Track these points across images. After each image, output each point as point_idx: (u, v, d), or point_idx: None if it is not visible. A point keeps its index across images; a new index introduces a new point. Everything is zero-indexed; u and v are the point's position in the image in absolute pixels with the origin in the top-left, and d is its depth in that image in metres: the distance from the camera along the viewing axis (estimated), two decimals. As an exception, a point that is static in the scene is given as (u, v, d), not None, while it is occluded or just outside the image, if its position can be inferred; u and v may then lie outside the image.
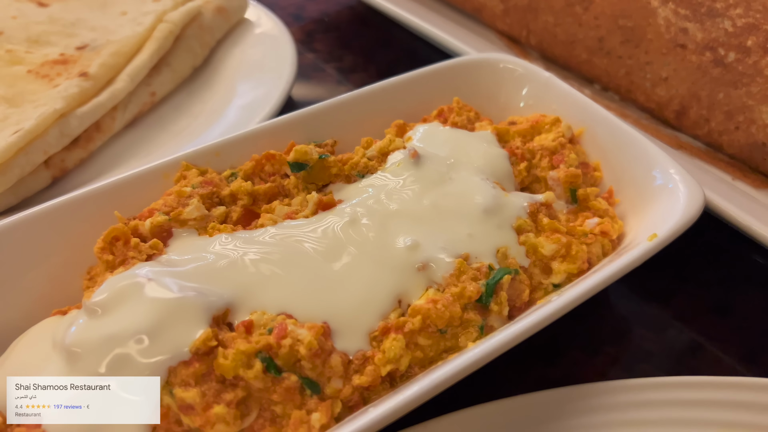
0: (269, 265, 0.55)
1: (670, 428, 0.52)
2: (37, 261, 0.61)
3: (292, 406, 0.49)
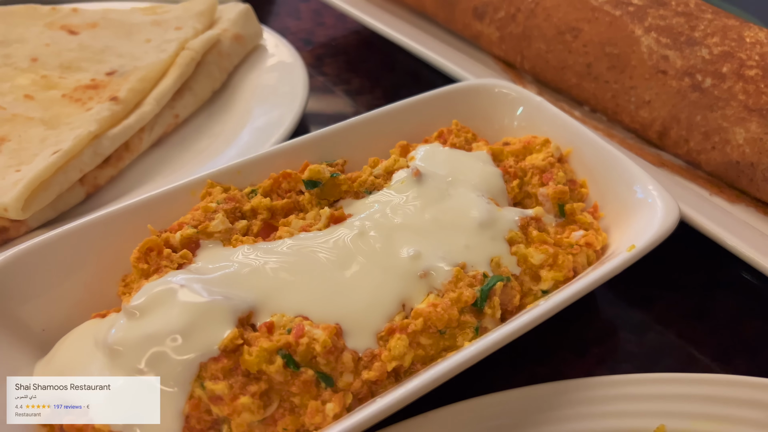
0: (287, 273, 0.59)
1: (648, 419, 0.55)
2: (76, 269, 0.65)
3: (308, 397, 0.53)
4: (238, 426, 0.51)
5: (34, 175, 0.70)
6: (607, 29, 0.88)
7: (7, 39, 0.96)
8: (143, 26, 0.99)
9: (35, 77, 0.89)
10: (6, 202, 0.68)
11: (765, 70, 0.78)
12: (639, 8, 0.88)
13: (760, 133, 0.75)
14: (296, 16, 1.26)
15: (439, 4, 1.05)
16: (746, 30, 0.83)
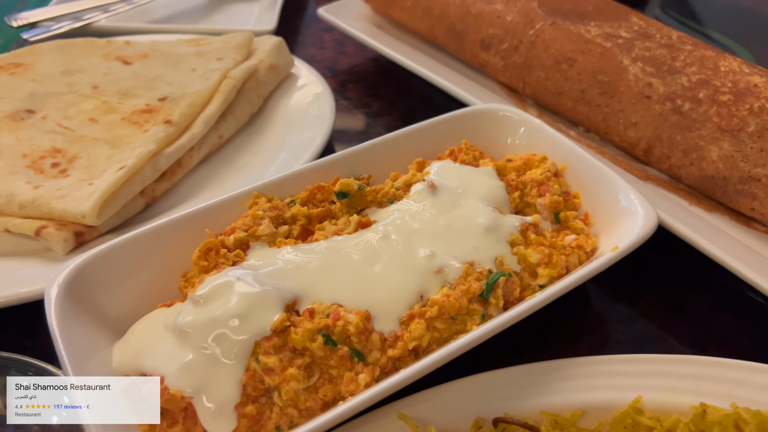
0: (324, 269, 0.66)
1: (627, 392, 0.61)
2: (144, 267, 0.71)
3: (344, 369, 0.60)
4: (286, 393, 0.58)
5: (106, 187, 0.77)
6: (599, 59, 0.94)
7: (71, 69, 1.03)
8: (188, 57, 1.06)
9: (97, 103, 0.96)
10: (84, 210, 0.75)
11: (736, 95, 0.83)
12: (627, 40, 0.94)
13: (732, 151, 0.81)
14: (321, 46, 1.33)
15: (450, 36, 1.11)
16: (721, 60, 0.89)
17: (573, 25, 0.98)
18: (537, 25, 1.01)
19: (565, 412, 0.60)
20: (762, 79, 0.85)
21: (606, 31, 0.96)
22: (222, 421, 0.57)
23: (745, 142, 0.80)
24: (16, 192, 0.78)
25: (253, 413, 0.58)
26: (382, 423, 0.58)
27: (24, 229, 0.76)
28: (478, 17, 1.07)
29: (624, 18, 1.00)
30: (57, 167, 0.84)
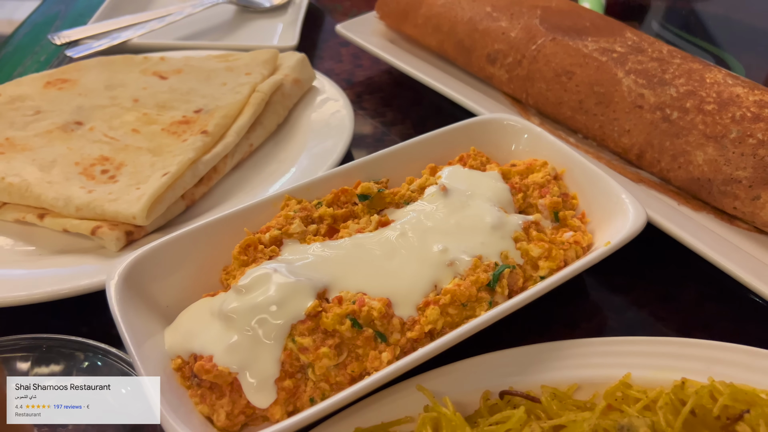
0: (349, 262, 0.72)
1: (619, 369, 0.66)
2: (188, 262, 0.76)
3: (369, 348, 0.66)
4: (319, 369, 0.64)
5: (153, 191, 0.84)
6: (595, 72, 1.00)
7: (112, 84, 1.10)
8: (219, 72, 1.12)
9: (138, 115, 1.02)
10: (134, 212, 0.82)
11: (720, 105, 0.89)
12: (621, 55, 1.00)
13: (716, 156, 0.87)
14: (338, 60, 1.38)
15: (459, 50, 1.17)
16: (707, 72, 0.95)
17: (572, 40, 1.05)
18: (539, 40, 1.07)
19: (562, 386, 0.66)
20: (744, 89, 0.91)
21: (602, 46, 1.03)
22: (264, 394, 0.64)
23: (728, 147, 0.86)
24: (72, 196, 0.86)
25: (290, 387, 0.64)
26: (403, 395, 0.64)
27: (81, 229, 0.83)
28: (484, 33, 1.13)
29: (619, 33, 1.06)
30: (106, 174, 0.91)
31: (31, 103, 1.04)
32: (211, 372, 0.64)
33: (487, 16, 1.14)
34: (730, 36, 1.44)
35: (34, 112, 1.03)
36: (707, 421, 0.59)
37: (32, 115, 1.02)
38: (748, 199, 0.85)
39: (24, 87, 1.08)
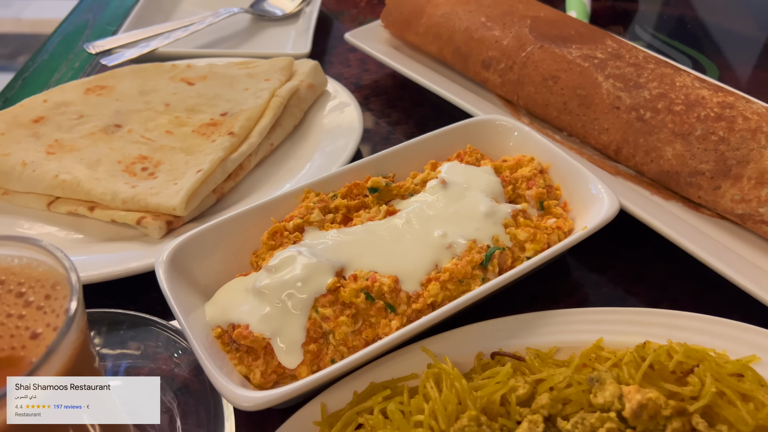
0: (362, 246, 0.80)
1: (593, 334, 0.74)
2: (223, 247, 0.84)
3: (380, 317, 0.74)
4: (338, 335, 0.72)
5: (189, 186, 0.93)
6: (578, 77, 1.07)
7: (145, 90, 1.17)
8: (241, 78, 1.20)
9: (170, 118, 1.10)
10: (174, 204, 0.91)
11: (687, 106, 0.97)
12: (601, 61, 1.07)
13: (683, 151, 0.95)
14: (346, 64, 1.44)
15: (456, 57, 1.24)
16: (677, 76, 1.03)
17: (558, 48, 1.13)
18: (528, 48, 1.15)
19: (544, 349, 0.74)
20: (709, 92, 1.00)
21: (584, 53, 1.11)
22: (292, 356, 0.73)
23: (693, 143, 0.94)
24: (118, 191, 0.95)
25: (314, 350, 0.73)
26: (409, 356, 0.73)
27: (127, 220, 0.92)
28: (479, 42, 1.20)
29: (600, 41, 1.15)
30: (146, 171, 1.01)
31: (74, 108, 1.13)
32: (248, 338, 0.73)
33: (482, 26, 1.22)
34: (706, 39, 1.53)
35: (77, 117, 1.11)
36: (664, 374, 0.69)
37: (76, 119, 1.11)
38: (711, 189, 0.94)
39: (67, 93, 1.17)
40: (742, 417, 0.63)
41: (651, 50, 1.38)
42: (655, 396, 0.63)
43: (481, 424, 0.61)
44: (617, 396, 0.64)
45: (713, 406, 0.65)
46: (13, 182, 0.99)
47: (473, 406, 0.63)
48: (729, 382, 0.67)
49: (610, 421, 0.62)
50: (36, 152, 1.02)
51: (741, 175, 0.92)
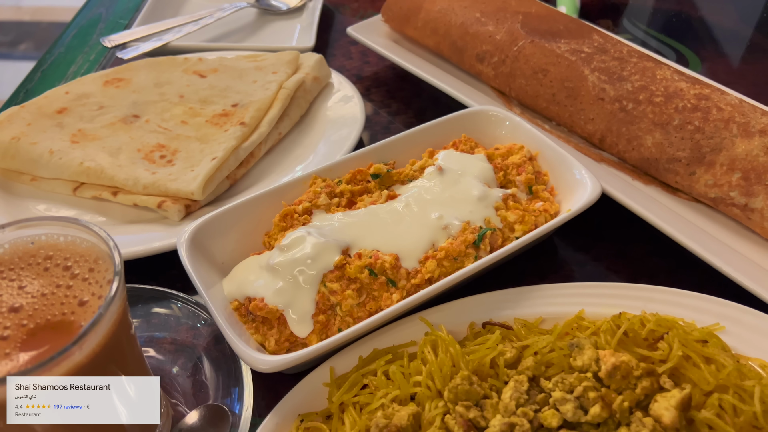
0: (366, 227, 0.85)
1: (575, 306, 0.80)
2: (238, 228, 0.89)
3: (382, 291, 0.79)
4: (345, 306, 0.78)
5: (206, 173, 0.98)
6: (566, 70, 1.12)
7: (160, 82, 1.22)
8: (249, 71, 1.25)
9: (185, 108, 1.15)
10: (193, 189, 0.96)
11: (666, 98, 1.02)
12: (588, 55, 1.13)
13: (661, 139, 1.00)
14: (348, 57, 1.49)
15: (452, 50, 1.29)
16: (658, 70, 1.08)
17: (547, 42, 1.18)
18: (520, 42, 1.20)
19: (531, 319, 0.81)
20: (687, 84, 1.06)
21: (572, 47, 1.17)
22: (303, 326, 0.79)
23: (671, 132, 1.00)
24: (139, 177, 1.01)
25: (323, 320, 0.79)
26: (408, 325, 0.79)
27: (149, 203, 0.99)
28: (474, 36, 1.25)
29: (587, 36, 1.20)
30: (164, 158, 1.06)
31: (94, 100, 1.18)
32: (263, 309, 0.79)
33: (476, 21, 1.27)
34: (690, 32, 1.59)
35: (98, 107, 1.17)
36: (637, 341, 0.76)
37: (97, 110, 1.16)
38: (686, 174, 1.00)
39: (87, 86, 1.22)
40: (704, 377, 0.70)
41: (637, 43, 1.45)
42: (628, 359, 0.70)
43: (473, 383, 0.68)
44: (594, 359, 0.71)
45: (679, 368, 0.72)
46: (41, 169, 1.05)
47: (466, 367, 0.70)
48: (694, 347, 0.73)
49: (587, 380, 0.69)
50: (61, 141, 1.08)
51: (714, 161, 0.98)
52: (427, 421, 0.66)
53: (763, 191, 0.93)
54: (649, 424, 0.65)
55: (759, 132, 0.97)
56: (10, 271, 0.60)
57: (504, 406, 0.66)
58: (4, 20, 4.68)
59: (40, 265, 0.61)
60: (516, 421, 0.64)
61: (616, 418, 0.66)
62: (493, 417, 0.65)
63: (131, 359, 0.65)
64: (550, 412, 0.66)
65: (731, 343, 0.78)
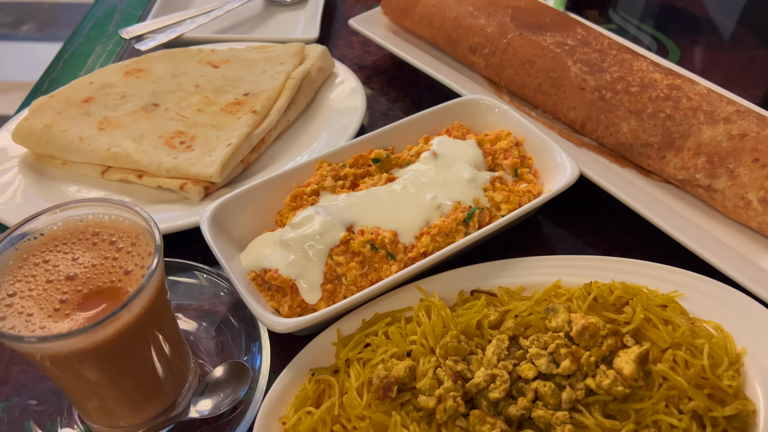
0: (367, 207, 0.91)
1: (553, 276, 0.86)
2: (253, 207, 0.95)
3: (383, 263, 0.86)
4: (349, 277, 0.85)
5: (222, 157, 1.06)
6: (551, 61, 1.19)
7: (176, 72, 1.29)
8: (259, 61, 1.31)
9: (200, 98, 1.22)
10: (211, 172, 1.04)
11: (641, 87, 1.09)
12: (571, 47, 1.20)
13: (636, 126, 1.08)
14: (350, 47, 1.55)
15: (447, 42, 1.35)
16: (635, 61, 1.15)
17: (534, 35, 1.25)
18: (509, 35, 1.27)
19: (513, 288, 0.89)
20: (660, 75, 1.14)
21: (557, 40, 1.24)
22: (313, 294, 0.87)
23: (645, 120, 1.08)
24: (162, 161, 1.09)
25: (330, 289, 0.86)
26: (405, 293, 0.87)
27: (171, 185, 1.07)
28: (467, 29, 1.32)
29: (572, 29, 1.28)
30: (184, 144, 1.14)
31: (117, 89, 1.26)
32: (277, 279, 0.87)
33: (469, 15, 1.34)
34: (672, 23, 1.66)
35: (120, 97, 1.24)
36: (605, 305, 0.85)
37: (120, 99, 1.24)
38: (658, 158, 1.08)
39: (109, 76, 1.30)
40: (661, 336, 0.80)
41: (621, 33, 1.52)
42: (596, 321, 0.79)
43: (461, 341, 0.78)
44: (567, 321, 0.80)
45: (641, 329, 0.81)
46: (71, 154, 1.13)
47: (455, 328, 0.80)
48: (655, 311, 0.83)
49: (560, 339, 0.78)
50: (89, 128, 1.16)
51: (682, 146, 1.06)
52: (421, 373, 0.75)
53: (725, 173, 1.02)
54: (611, 375, 0.74)
55: (723, 120, 1.05)
56: (63, 245, 0.69)
57: (487, 360, 0.76)
58: (5, 1, 4.64)
59: (89, 240, 0.70)
60: (497, 372, 0.74)
61: (583, 370, 0.75)
62: (478, 369, 0.75)
63: (167, 321, 0.74)
64: (527, 365, 0.76)
65: (690, 309, 0.86)
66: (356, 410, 0.73)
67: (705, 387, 0.74)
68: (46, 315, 0.62)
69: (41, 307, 0.62)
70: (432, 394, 0.72)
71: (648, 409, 0.72)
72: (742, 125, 1.03)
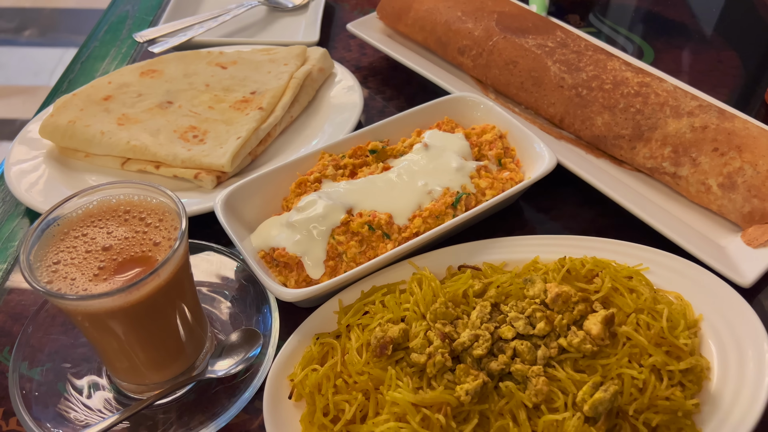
0: (365, 192, 0.96)
1: (531, 254, 0.93)
2: (262, 194, 1.00)
3: (379, 242, 0.91)
4: (350, 254, 0.91)
5: (233, 149, 1.13)
6: (532, 62, 1.27)
7: (188, 73, 1.36)
8: (264, 63, 1.38)
9: (211, 96, 1.29)
10: (223, 163, 1.11)
11: (614, 85, 1.18)
12: (551, 49, 1.28)
13: (609, 120, 1.16)
14: (348, 49, 1.61)
15: (438, 44, 1.42)
16: (609, 61, 1.23)
17: (518, 38, 1.33)
18: (494, 38, 1.34)
19: (497, 263, 0.96)
20: (632, 74, 1.23)
21: (538, 42, 1.33)
22: (317, 270, 0.92)
23: (617, 114, 1.16)
24: (178, 153, 1.17)
25: (332, 265, 0.92)
26: (400, 268, 0.94)
27: (186, 175, 1.14)
28: (456, 32, 1.39)
29: (552, 32, 1.36)
30: (197, 138, 1.22)
31: (134, 88, 1.34)
32: (285, 256, 0.93)
33: (458, 19, 1.41)
34: (647, 26, 1.74)
35: (137, 95, 1.32)
36: (577, 277, 0.93)
37: (136, 97, 1.32)
38: (629, 149, 1.16)
39: (126, 76, 1.37)
40: (626, 302, 0.88)
41: (601, 36, 1.61)
42: (568, 289, 0.87)
43: (448, 308, 0.86)
44: (543, 290, 0.89)
45: (609, 297, 0.90)
46: (93, 147, 1.21)
47: (443, 296, 0.88)
48: (621, 281, 0.91)
49: (536, 305, 0.86)
50: (109, 124, 1.24)
51: (651, 138, 1.15)
52: (413, 335, 0.84)
53: (688, 162, 1.11)
54: (581, 335, 0.83)
55: (687, 113, 1.14)
56: (99, 221, 0.78)
57: (471, 323, 0.84)
58: (5, 7, 4.62)
59: (121, 217, 0.78)
60: (480, 333, 0.83)
61: (557, 331, 0.84)
62: (463, 331, 0.84)
63: (189, 290, 0.83)
64: (506, 327, 0.84)
65: (654, 281, 0.95)
66: (356, 367, 0.82)
67: (663, 345, 0.83)
68: (87, 279, 0.70)
69: (83, 273, 0.70)
70: (423, 352, 0.81)
71: (613, 365, 0.80)
72: (704, 118, 1.12)
